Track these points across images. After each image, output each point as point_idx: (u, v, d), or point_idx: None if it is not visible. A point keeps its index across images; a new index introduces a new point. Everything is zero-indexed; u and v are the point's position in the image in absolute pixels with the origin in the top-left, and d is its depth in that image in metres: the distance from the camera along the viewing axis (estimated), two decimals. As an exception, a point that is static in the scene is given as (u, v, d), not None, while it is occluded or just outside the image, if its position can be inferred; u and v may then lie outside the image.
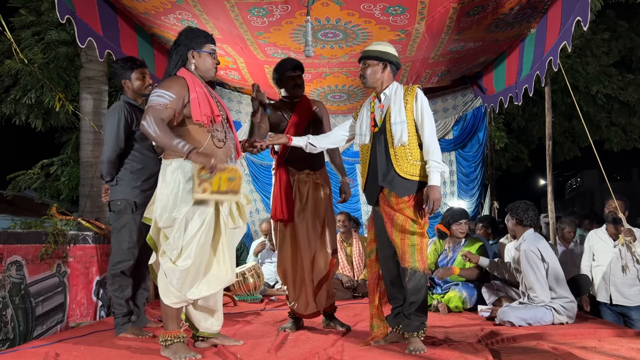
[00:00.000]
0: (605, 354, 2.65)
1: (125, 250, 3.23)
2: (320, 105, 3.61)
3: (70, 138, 8.63)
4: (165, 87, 2.64)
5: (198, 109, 2.67)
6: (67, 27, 6.81)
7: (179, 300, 2.64)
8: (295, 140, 3.16)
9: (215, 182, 2.55)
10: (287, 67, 3.46)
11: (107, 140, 3.24)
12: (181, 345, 2.68)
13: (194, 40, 2.78)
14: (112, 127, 3.22)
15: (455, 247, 4.60)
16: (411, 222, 2.83)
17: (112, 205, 3.31)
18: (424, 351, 2.70)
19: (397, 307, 2.96)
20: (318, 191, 3.45)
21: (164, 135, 2.56)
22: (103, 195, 3.51)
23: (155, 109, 2.59)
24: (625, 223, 4.05)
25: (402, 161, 2.84)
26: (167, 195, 2.62)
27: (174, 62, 2.78)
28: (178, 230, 2.59)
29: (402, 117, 2.85)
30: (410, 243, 2.81)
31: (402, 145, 2.85)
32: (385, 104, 2.96)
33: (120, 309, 3.25)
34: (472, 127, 6.89)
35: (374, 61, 2.95)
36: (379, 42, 3.07)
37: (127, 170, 3.27)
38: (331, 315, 3.54)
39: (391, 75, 3.00)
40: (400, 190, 2.84)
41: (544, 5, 4.38)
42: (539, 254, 3.65)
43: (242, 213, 2.87)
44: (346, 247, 5.63)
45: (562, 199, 30.70)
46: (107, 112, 3.39)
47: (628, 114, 10.18)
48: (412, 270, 2.79)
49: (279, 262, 3.51)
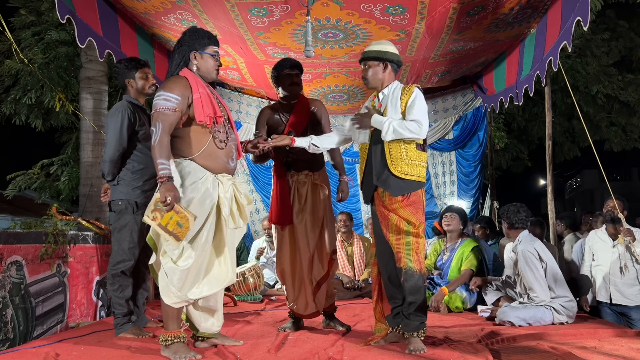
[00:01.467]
0: (605, 354, 2.65)
1: (126, 250, 3.23)
2: (319, 104, 3.60)
3: (70, 138, 8.62)
4: (169, 89, 2.64)
5: (201, 110, 2.67)
6: (67, 27, 6.81)
7: (180, 300, 2.64)
8: (298, 141, 3.15)
9: (165, 217, 2.54)
10: (285, 66, 3.46)
11: (110, 140, 3.22)
12: (181, 345, 2.68)
13: (197, 41, 2.78)
14: (115, 126, 3.21)
15: (452, 248, 4.60)
16: (405, 222, 2.81)
17: (113, 205, 3.30)
18: (424, 351, 2.70)
19: (397, 307, 2.95)
20: (317, 192, 3.45)
21: (159, 149, 2.56)
22: (102, 195, 3.49)
23: (164, 114, 2.59)
24: (625, 223, 4.06)
25: (397, 160, 2.82)
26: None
27: (177, 62, 2.78)
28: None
29: (398, 115, 2.86)
30: (405, 243, 2.80)
31: (397, 144, 2.81)
32: (383, 103, 2.97)
33: (121, 309, 3.24)
34: (472, 127, 6.89)
35: (374, 62, 2.96)
36: (378, 42, 3.05)
37: (128, 170, 3.26)
38: (331, 315, 3.54)
39: (392, 75, 3.00)
40: (394, 190, 2.83)
41: (544, 5, 4.38)
42: (536, 254, 3.66)
43: (243, 213, 2.86)
44: (347, 247, 5.63)
45: (562, 199, 30.71)
46: (109, 111, 3.34)
47: (628, 114, 10.18)
48: (407, 270, 2.78)
49: (277, 262, 3.51)
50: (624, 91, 9.61)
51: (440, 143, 7.08)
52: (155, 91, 3.29)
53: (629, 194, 5.10)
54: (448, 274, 4.50)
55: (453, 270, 4.48)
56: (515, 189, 21.05)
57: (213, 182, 2.69)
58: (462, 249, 4.49)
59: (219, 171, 2.74)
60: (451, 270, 4.49)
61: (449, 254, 4.58)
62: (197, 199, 2.62)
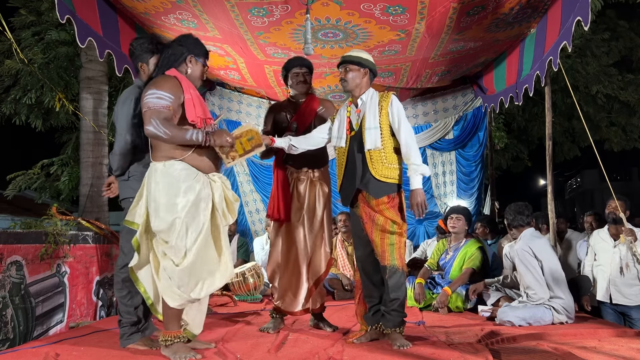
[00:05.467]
0: (605, 354, 2.65)
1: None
2: (328, 105, 3.60)
3: (70, 138, 8.63)
4: (161, 87, 2.63)
5: (193, 110, 2.68)
6: (67, 27, 6.82)
7: (184, 300, 2.63)
8: (278, 142, 3.22)
9: (238, 147, 2.80)
10: (295, 64, 3.51)
11: (121, 130, 2.93)
12: (182, 345, 2.68)
13: (197, 47, 2.84)
14: (127, 115, 2.91)
15: (456, 247, 4.60)
16: (391, 222, 2.93)
17: (124, 203, 3.00)
18: (409, 346, 2.82)
19: (374, 305, 3.08)
20: (315, 190, 3.46)
21: (177, 133, 2.59)
22: (105, 190, 3.13)
23: (158, 111, 2.58)
24: (626, 223, 4.06)
25: (378, 164, 2.95)
26: (161, 196, 2.59)
27: (170, 57, 2.79)
28: (180, 231, 2.58)
29: (376, 122, 2.98)
30: (389, 242, 2.93)
31: (377, 149, 2.95)
32: (361, 109, 3.08)
33: (129, 318, 2.94)
34: (473, 127, 6.89)
35: (355, 66, 3.08)
36: (358, 50, 3.21)
37: (140, 164, 2.97)
38: (320, 315, 3.53)
39: (369, 82, 3.13)
40: (375, 192, 2.95)
41: (544, 5, 4.38)
42: (531, 252, 3.68)
43: (232, 210, 2.83)
44: (347, 246, 5.64)
45: (562, 199, 30.71)
46: (119, 98, 3.08)
47: (628, 114, 10.18)
48: (391, 268, 2.91)
49: (270, 258, 3.51)
50: (624, 91, 9.61)
51: (440, 143, 7.08)
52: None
53: (629, 194, 5.09)
54: (450, 273, 4.50)
55: (455, 269, 4.48)
56: (515, 189, 21.08)
57: (205, 182, 2.70)
58: (466, 249, 4.49)
59: (209, 170, 2.76)
60: (453, 270, 4.49)
61: (452, 254, 4.59)
62: (194, 200, 2.62)
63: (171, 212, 2.58)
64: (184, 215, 2.58)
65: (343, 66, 3.10)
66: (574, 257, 5.37)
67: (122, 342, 2.93)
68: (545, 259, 3.68)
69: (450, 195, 7.13)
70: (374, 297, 3.08)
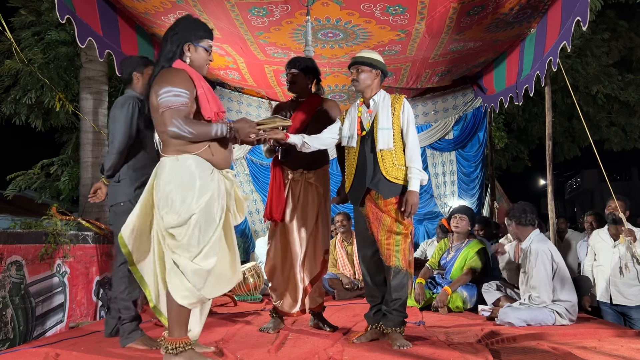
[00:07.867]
0: (605, 354, 2.65)
1: None
2: (330, 104, 3.58)
3: (70, 138, 8.62)
4: (175, 84, 2.45)
5: (207, 105, 2.53)
6: (67, 27, 6.81)
7: (197, 299, 2.47)
8: (292, 138, 3.15)
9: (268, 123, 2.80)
10: (287, 65, 3.55)
11: (119, 130, 2.97)
12: (194, 353, 2.50)
13: (193, 32, 2.58)
14: (126, 117, 2.98)
15: (458, 247, 4.60)
16: (397, 223, 2.96)
17: (115, 207, 3.04)
18: (409, 346, 2.83)
19: (375, 305, 3.10)
20: (310, 191, 3.45)
21: (201, 130, 2.45)
22: (91, 196, 3.17)
23: (178, 110, 2.42)
24: (626, 223, 4.05)
25: (389, 165, 2.98)
26: (175, 192, 2.43)
27: (169, 51, 2.58)
28: (195, 228, 2.42)
29: (389, 124, 3.01)
30: (395, 243, 2.95)
31: (389, 150, 2.98)
32: (373, 110, 3.10)
33: (128, 313, 2.99)
34: (473, 127, 6.90)
35: (367, 67, 3.09)
36: (370, 51, 3.20)
37: (130, 168, 3.04)
38: (319, 315, 3.53)
39: (379, 83, 3.16)
40: (385, 192, 2.97)
41: (544, 5, 4.38)
42: (550, 255, 3.64)
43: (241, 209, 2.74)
44: (347, 246, 5.64)
45: (562, 199, 30.69)
46: (116, 103, 3.11)
47: (628, 114, 10.18)
48: (396, 269, 2.93)
49: (267, 258, 3.51)
50: (624, 91, 9.62)
51: (440, 143, 7.08)
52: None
53: (629, 194, 5.10)
54: (451, 273, 4.50)
55: (456, 269, 4.48)
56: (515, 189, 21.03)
57: (220, 178, 2.57)
58: (468, 250, 4.49)
59: (223, 166, 2.61)
60: (454, 269, 4.49)
61: (454, 253, 4.58)
62: (209, 198, 2.47)
63: (186, 208, 2.41)
64: (199, 212, 2.42)
65: (355, 67, 3.10)
66: (574, 257, 5.39)
67: (122, 341, 2.95)
68: (560, 262, 3.66)
69: (451, 195, 7.13)
70: (376, 297, 3.09)
